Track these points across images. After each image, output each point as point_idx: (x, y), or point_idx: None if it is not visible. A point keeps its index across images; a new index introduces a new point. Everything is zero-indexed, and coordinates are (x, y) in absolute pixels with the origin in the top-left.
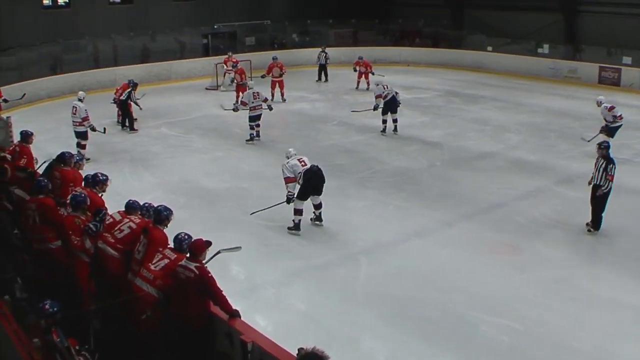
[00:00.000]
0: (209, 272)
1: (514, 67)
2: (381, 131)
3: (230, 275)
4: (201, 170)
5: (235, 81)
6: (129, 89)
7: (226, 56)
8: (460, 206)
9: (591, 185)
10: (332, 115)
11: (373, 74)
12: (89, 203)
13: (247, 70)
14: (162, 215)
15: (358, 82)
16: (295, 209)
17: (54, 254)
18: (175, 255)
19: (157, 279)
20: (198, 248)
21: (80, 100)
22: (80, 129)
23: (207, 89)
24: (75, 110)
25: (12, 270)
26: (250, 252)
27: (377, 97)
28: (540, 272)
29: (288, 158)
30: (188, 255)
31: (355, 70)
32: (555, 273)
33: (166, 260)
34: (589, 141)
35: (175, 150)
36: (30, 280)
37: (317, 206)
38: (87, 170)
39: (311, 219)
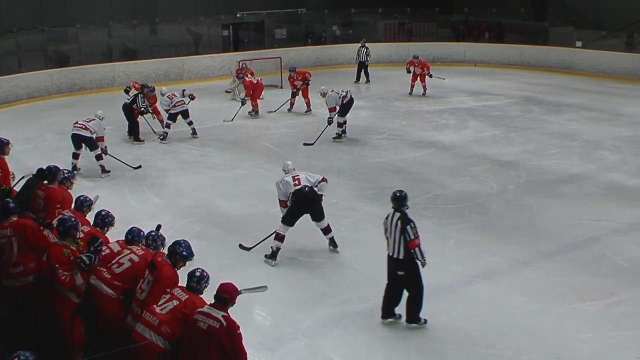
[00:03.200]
0: (239, 326)
1: (611, 67)
2: (338, 136)
3: (253, 322)
4: (219, 192)
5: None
6: (137, 92)
7: (239, 66)
8: (539, 242)
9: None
10: (380, 126)
11: (431, 76)
12: (80, 229)
13: (277, 68)
14: (181, 256)
15: (412, 87)
16: (276, 233)
17: (36, 290)
18: (187, 296)
19: (163, 324)
20: (230, 295)
21: (100, 118)
22: (86, 133)
23: (227, 91)
24: (90, 120)
25: None
26: (279, 293)
27: (332, 109)
28: None
29: (285, 173)
30: (214, 301)
31: (408, 72)
32: None
33: (175, 302)
34: None
35: (187, 167)
36: (3, 325)
37: (325, 231)
38: (77, 189)
39: (330, 248)
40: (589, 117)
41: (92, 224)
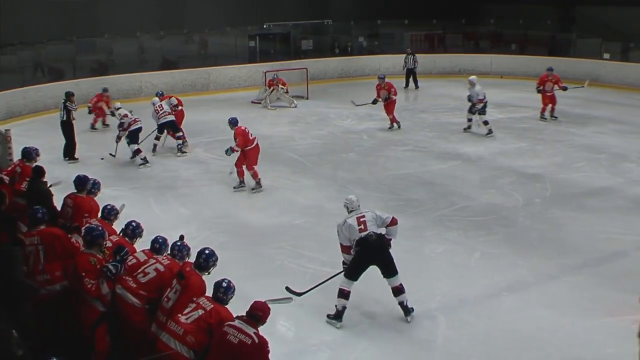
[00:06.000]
0: (268, 343)
1: (639, 79)
2: (490, 132)
3: (277, 333)
4: (244, 203)
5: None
6: (64, 101)
7: (271, 77)
8: (565, 255)
9: None
10: (406, 138)
11: (565, 89)
12: (107, 238)
13: (303, 79)
14: (208, 262)
15: (544, 109)
16: (339, 290)
17: (62, 298)
18: (212, 306)
19: (188, 334)
20: (264, 313)
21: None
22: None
23: (253, 102)
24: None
25: (5, 320)
26: (303, 305)
27: (479, 101)
28: None
29: (348, 212)
30: (245, 316)
31: (539, 92)
32: None
33: (200, 311)
34: None
35: (212, 177)
36: (30, 333)
37: (396, 292)
38: (103, 199)
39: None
40: (616, 130)
41: (120, 233)
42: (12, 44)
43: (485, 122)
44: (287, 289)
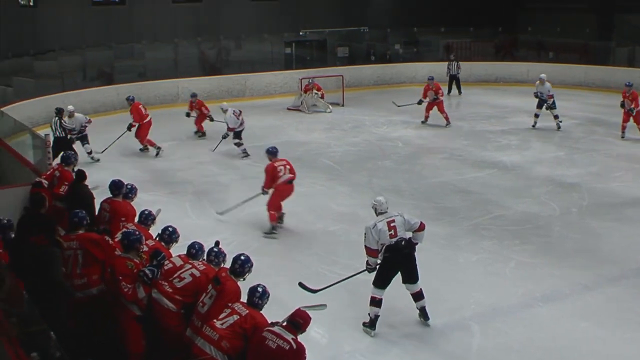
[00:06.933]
0: (306, 350)
1: None
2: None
3: (311, 340)
4: None
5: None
6: (55, 117)
7: (307, 82)
8: (603, 266)
9: None
10: (442, 146)
11: (632, 112)
12: (144, 243)
13: (338, 88)
14: (244, 268)
15: (624, 127)
16: (371, 298)
17: (99, 302)
18: (247, 311)
19: (223, 339)
20: (305, 322)
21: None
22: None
23: (289, 109)
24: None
25: (43, 321)
26: (337, 312)
27: (549, 97)
28: None
29: (377, 214)
30: (285, 323)
31: (622, 106)
32: None
33: (236, 317)
34: None
35: (248, 183)
36: (67, 335)
37: (416, 297)
38: (139, 203)
39: (420, 320)
40: None
41: (156, 237)
42: (52, 50)
43: (556, 117)
44: (301, 284)
